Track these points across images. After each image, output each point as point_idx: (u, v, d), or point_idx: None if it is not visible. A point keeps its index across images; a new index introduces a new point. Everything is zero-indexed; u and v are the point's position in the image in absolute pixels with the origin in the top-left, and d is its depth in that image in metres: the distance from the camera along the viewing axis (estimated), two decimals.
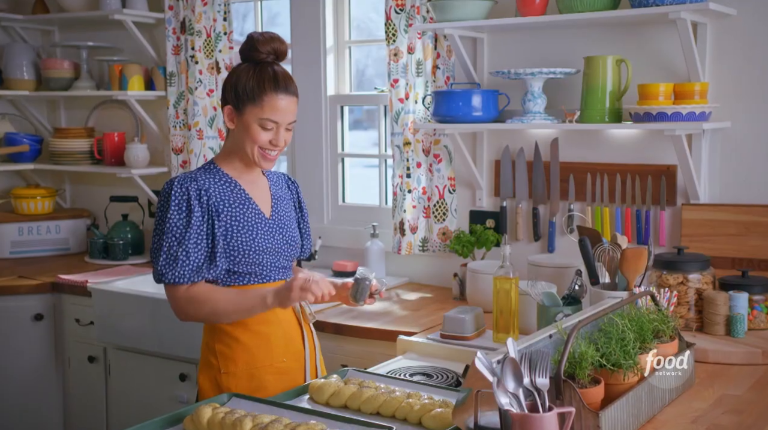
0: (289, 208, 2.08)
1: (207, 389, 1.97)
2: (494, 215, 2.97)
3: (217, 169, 1.98)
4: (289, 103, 1.93)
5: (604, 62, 2.52)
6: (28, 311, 3.20)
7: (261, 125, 1.91)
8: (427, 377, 2.05)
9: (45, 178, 4.03)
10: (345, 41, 3.36)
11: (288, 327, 2.00)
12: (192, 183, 1.90)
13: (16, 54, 3.75)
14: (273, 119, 1.91)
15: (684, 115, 2.37)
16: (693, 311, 2.26)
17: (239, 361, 1.94)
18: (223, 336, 1.95)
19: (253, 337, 1.94)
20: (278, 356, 1.97)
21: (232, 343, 1.94)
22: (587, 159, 2.77)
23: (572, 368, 1.57)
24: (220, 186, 1.95)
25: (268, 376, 1.95)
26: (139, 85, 3.53)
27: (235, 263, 1.93)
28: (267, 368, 1.95)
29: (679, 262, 2.28)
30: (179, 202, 1.89)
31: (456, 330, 2.31)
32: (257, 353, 1.95)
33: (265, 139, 1.92)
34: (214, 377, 1.95)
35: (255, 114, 1.91)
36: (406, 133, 2.96)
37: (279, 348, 1.97)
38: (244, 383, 1.93)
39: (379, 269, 3.11)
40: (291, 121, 1.94)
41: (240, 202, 1.95)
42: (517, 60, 2.84)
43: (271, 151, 1.94)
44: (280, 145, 1.93)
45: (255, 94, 1.90)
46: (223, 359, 1.95)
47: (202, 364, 2.00)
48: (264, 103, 1.90)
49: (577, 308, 2.17)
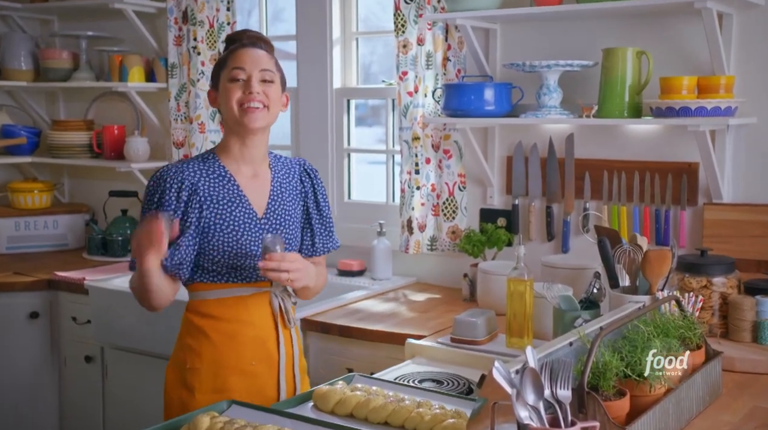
0: (295, 205, 1.96)
1: (171, 380, 1.90)
2: (506, 214, 2.87)
3: (214, 159, 1.89)
4: (255, 51, 1.85)
5: (624, 54, 2.42)
6: (23, 309, 3.11)
7: (231, 79, 1.83)
8: (437, 384, 1.95)
9: (43, 172, 3.93)
10: (352, 33, 3.25)
11: (261, 329, 1.89)
12: (175, 175, 1.82)
13: (14, 44, 3.66)
14: (238, 66, 1.82)
15: (709, 110, 2.27)
16: (717, 317, 2.16)
17: (205, 358, 1.86)
18: (194, 330, 1.88)
19: (221, 335, 1.86)
20: (246, 358, 1.87)
21: (201, 338, 1.87)
22: (604, 156, 2.66)
23: (596, 379, 1.47)
24: (212, 180, 1.85)
25: (233, 377, 1.86)
26: (139, 77, 3.43)
27: (214, 262, 1.85)
28: (232, 369, 1.86)
29: (702, 264, 2.17)
30: (151, 195, 1.83)
31: (467, 334, 2.21)
32: (224, 351, 1.86)
33: (238, 91, 1.82)
34: (179, 371, 1.88)
35: (225, 76, 1.84)
36: (415, 128, 2.85)
37: (247, 350, 1.87)
38: (209, 381, 1.85)
39: (385, 268, 3.01)
40: (263, 69, 1.83)
41: (230, 199, 1.86)
42: (532, 52, 2.73)
43: (249, 103, 1.81)
44: (254, 91, 1.81)
45: (222, 60, 1.87)
46: (190, 354, 1.87)
47: (172, 355, 1.93)
48: (228, 60, 1.85)
49: (596, 312, 2.06)
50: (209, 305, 1.87)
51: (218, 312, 1.87)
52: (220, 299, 1.87)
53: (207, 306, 1.88)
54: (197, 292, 1.89)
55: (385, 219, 3.07)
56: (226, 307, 1.87)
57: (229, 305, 1.87)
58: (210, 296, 1.87)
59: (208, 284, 1.87)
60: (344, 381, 1.82)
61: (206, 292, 1.88)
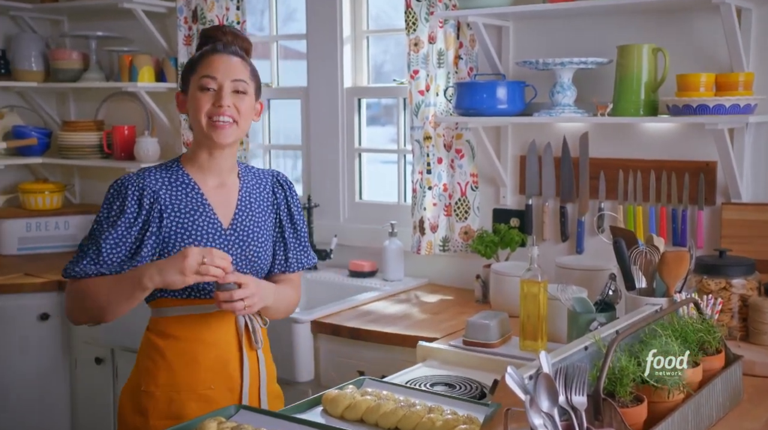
0: (265, 217, 1.84)
1: (125, 404, 1.78)
2: (519, 214, 2.82)
3: (178, 167, 1.78)
4: (229, 59, 1.73)
5: (640, 51, 2.37)
6: (34, 311, 3.09)
7: (200, 88, 1.71)
8: (449, 388, 1.91)
9: (54, 173, 3.92)
10: (363, 31, 3.22)
11: (223, 350, 1.76)
12: (137, 182, 1.72)
13: (25, 44, 3.65)
14: (209, 74, 1.70)
15: (727, 108, 2.21)
16: (737, 319, 2.10)
17: (160, 380, 1.74)
18: (151, 350, 1.76)
19: (178, 355, 1.73)
20: (204, 382, 1.74)
21: (157, 358, 1.74)
22: (619, 155, 2.61)
23: (612, 385, 1.43)
24: (175, 188, 1.75)
25: (190, 403, 1.73)
26: (149, 77, 3.41)
27: None
28: (189, 394, 1.73)
29: (721, 266, 2.12)
30: (110, 203, 1.72)
31: (480, 337, 2.17)
32: (180, 374, 1.73)
33: (207, 103, 1.70)
34: (134, 395, 1.77)
35: (194, 82, 1.73)
36: (427, 127, 2.81)
37: (206, 372, 1.74)
38: (163, 406, 1.73)
39: (397, 269, 2.98)
40: (236, 78, 1.71)
41: (193, 208, 1.74)
42: (545, 49, 2.69)
43: (219, 118, 1.70)
44: (224, 104, 1.69)
45: (192, 63, 1.75)
46: (146, 376, 1.75)
47: (128, 379, 1.82)
48: (199, 66, 1.73)
49: (611, 315, 2.02)
50: (169, 323, 1.75)
51: (177, 331, 1.74)
52: (181, 316, 1.75)
53: (166, 324, 1.76)
54: (158, 308, 1.77)
55: (396, 219, 3.03)
56: (185, 325, 1.75)
57: (189, 324, 1.74)
58: (170, 313, 1.75)
59: (170, 300, 1.75)
60: (354, 385, 1.78)
61: (167, 308, 1.75)
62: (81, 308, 1.71)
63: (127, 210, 1.70)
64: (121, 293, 1.66)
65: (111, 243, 1.69)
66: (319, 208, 3.21)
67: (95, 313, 1.70)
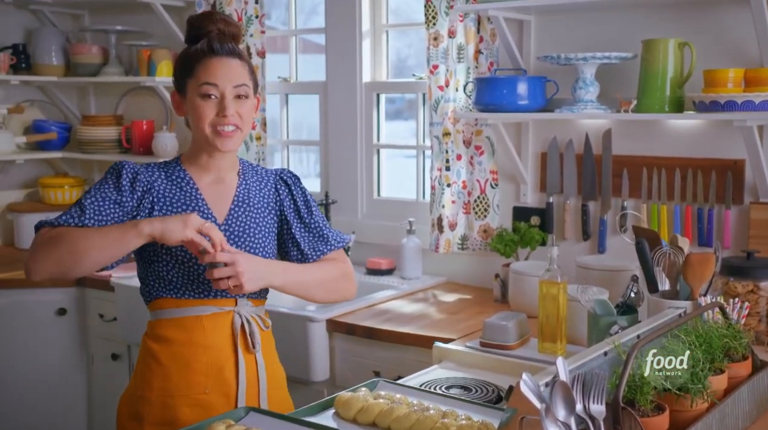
0: (265, 214, 1.80)
1: (121, 409, 1.76)
2: (540, 212, 2.77)
3: (177, 165, 1.76)
4: (229, 64, 1.68)
5: (665, 46, 2.30)
6: (51, 306, 3.11)
7: (201, 95, 1.66)
8: (465, 391, 1.87)
9: (75, 167, 3.93)
10: (382, 25, 3.17)
11: (217, 353, 1.71)
12: (132, 168, 1.70)
13: (45, 39, 3.65)
14: (210, 82, 1.65)
15: (757, 105, 2.14)
16: (765, 324, 2.04)
17: (155, 385, 1.70)
18: (147, 355, 1.73)
19: (173, 359, 1.70)
20: (198, 386, 1.70)
21: (151, 363, 1.71)
22: (643, 152, 2.55)
23: (632, 393, 1.38)
24: (171, 182, 1.72)
25: (184, 408, 1.69)
26: (167, 71, 3.39)
27: (168, 269, 1.69)
28: (183, 399, 1.69)
29: (748, 267, 2.05)
30: (104, 178, 1.69)
31: (497, 338, 2.12)
32: (174, 378, 1.69)
33: (211, 112, 1.66)
34: (130, 400, 1.74)
35: (194, 87, 1.68)
36: (446, 123, 2.76)
37: (200, 376, 1.70)
38: (158, 412, 1.69)
39: (415, 267, 2.93)
40: (238, 84, 1.67)
41: (186, 202, 1.71)
42: (568, 44, 2.62)
43: (224, 127, 1.67)
44: (228, 114, 1.66)
45: (188, 65, 1.69)
46: (141, 381, 1.72)
47: (128, 385, 1.79)
48: (198, 71, 1.67)
49: (633, 318, 1.96)
50: (164, 326, 1.72)
51: (172, 334, 1.71)
52: (177, 319, 1.71)
53: (162, 327, 1.72)
54: (156, 311, 1.74)
55: (415, 217, 2.99)
56: (180, 328, 1.71)
57: (183, 327, 1.71)
58: (166, 316, 1.72)
59: (168, 300, 1.72)
60: (367, 388, 1.74)
61: (164, 310, 1.73)
62: (52, 255, 1.59)
63: (121, 187, 1.67)
64: (107, 236, 1.59)
65: (95, 208, 1.65)
66: (336, 204, 3.17)
67: (68, 260, 1.59)
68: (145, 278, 1.74)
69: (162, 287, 1.71)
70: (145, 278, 1.74)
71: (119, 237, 1.58)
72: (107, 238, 1.59)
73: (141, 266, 1.75)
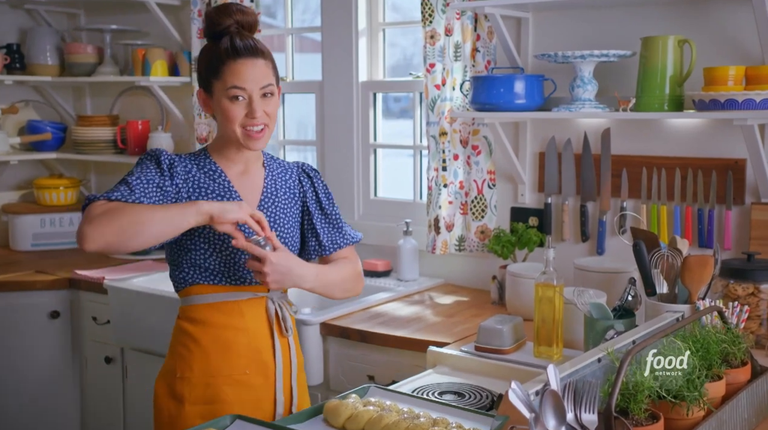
0: (291, 205, 1.88)
1: (160, 391, 1.81)
2: (538, 213, 2.72)
3: (206, 156, 1.82)
4: (254, 65, 1.72)
5: (665, 43, 2.25)
6: (44, 308, 3.07)
7: (230, 98, 1.72)
8: (459, 397, 1.83)
9: (71, 168, 3.90)
10: (378, 23, 3.13)
11: (256, 337, 1.79)
12: (168, 155, 1.76)
13: (40, 38, 3.62)
14: (238, 85, 1.71)
15: (758, 103, 2.09)
16: (765, 327, 1.99)
17: (195, 366, 1.77)
18: (185, 337, 1.79)
19: (213, 342, 1.77)
20: (239, 367, 1.77)
21: (191, 345, 1.78)
22: (643, 152, 2.50)
23: (625, 402, 1.34)
24: (203, 173, 1.79)
25: (225, 387, 1.77)
26: (162, 71, 3.36)
27: (205, 257, 1.76)
28: (225, 379, 1.77)
29: (749, 270, 2.00)
30: (143, 161, 1.74)
31: (492, 342, 2.07)
32: (215, 360, 1.77)
33: (240, 113, 1.72)
34: (169, 381, 1.79)
35: (221, 89, 1.73)
36: (443, 123, 2.72)
37: (240, 358, 1.78)
38: (200, 391, 1.77)
39: (412, 268, 2.89)
40: (264, 85, 1.73)
41: (219, 193, 1.78)
42: (566, 42, 2.58)
43: (253, 128, 1.73)
44: (257, 116, 1.72)
45: (214, 66, 1.73)
46: (181, 363, 1.78)
47: (162, 367, 1.84)
48: (224, 73, 1.71)
49: (631, 321, 1.91)
50: (201, 310, 1.78)
51: (210, 318, 1.77)
52: (213, 304, 1.78)
53: (199, 311, 1.78)
54: (190, 296, 1.80)
55: (412, 217, 2.95)
56: (219, 312, 1.78)
57: (222, 311, 1.78)
58: (202, 301, 1.78)
59: (203, 287, 1.78)
60: (357, 394, 1.71)
61: (199, 296, 1.79)
62: (113, 224, 1.59)
63: (162, 172, 1.73)
64: (168, 211, 1.64)
65: (142, 189, 1.68)
66: None
67: (129, 231, 1.60)
68: (179, 266, 1.79)
69: (198, 274, 1.77)
70: (179, 266, 1.79)
71: (180, 212, 1.64)
72: (168, 212, 1.64)
73: (175, 254, 1.80)
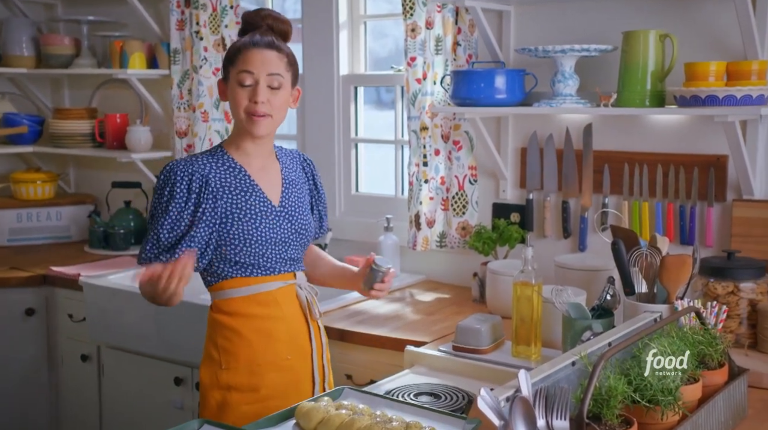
0: (303, 192, 1.98)
1: (207, 383, 1.88)
2: (519, 209, 2.69)
3: (223, 152, 1.88)
4: (266, 54, 1.82)
5: (646, 38, 2.22)
6: (19, 306, 3.01)
7: (239, 82, 1.81)
8: (434, 398, 1.80)
9: (48, 162, 3.84)
10: (360, 15, 3.08)
11: (293, 323, 1.91)
12: (185, 168, 1.82)
13: (15, 29, 3.55)
14: (246, 69, 1.80)
15: (738, 99, 2.06)
16: (745, 326, 1.97)
17: (240, 357, 1.86)
18: (225, 330, 1.87)
19: (254, 332, 1.86)
20: (281, 353, 1.88)
21: (233, 337, 1.86)
22: (624, 148, 2.47)
23: (598, 407, 1.31)
24: (223, 172, 1.85)
25: (270, 373, 1.86)
26: (140, 63, 3.30)
27: (236, 252, 1.83)
28: (269, 366, 1.86)
29: (729, 268, 1.98)
30: (161, 190, 1.82)
31: (470, 342, 2.05)
32: (259, 349, 1.86)
33: (245, 98, 1.81)
34: (214, 371, 1.87)
35: (233, 75, 1.83)
36: (424, 118, 2.68)
37: (282, 344, 1.88)
38: (245, 379, 1.85)
39: (393, 265, 2.84)
40: (271, 72, 1.81)
41: (244, 189, 1.85)
42: (548, 36, 2.54)
43: (255, 113, 1.81)
44: (260, 101, 1.79)
45: (232, 54, 1.84)
46: (225, 354, 1.86)
47: (204, 356, 1.91)
48: (238, 60, 1.82)
49: (609, 321, 1.89)
50: (237, 303, 1.86)
51: (249, 310, 1.86)
52: (249, 296, 1.86)
53: (235, 304, 1.86)
54: (223, 291, 1.87)
55: (393, 213, 2.91)
56: (256, 303, 1.86)
57: (258, 302, 1.86)
58: (237, 294, 1.86)
59: (235, 280, 1.85)
60: (331, 396, 1.68)
61: (233, 290, 1.86)
62: (152, 300, 1.77)
63: (176, 195, 1.80)
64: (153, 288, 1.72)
65: (168, 228, 1.79)
66: None
67: (162, 304, 1.75)
68: (209, 263, 1.85)
69: (230, 268, 1.84)
70: (210, 263, 1.84)
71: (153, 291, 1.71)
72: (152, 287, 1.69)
73: None
